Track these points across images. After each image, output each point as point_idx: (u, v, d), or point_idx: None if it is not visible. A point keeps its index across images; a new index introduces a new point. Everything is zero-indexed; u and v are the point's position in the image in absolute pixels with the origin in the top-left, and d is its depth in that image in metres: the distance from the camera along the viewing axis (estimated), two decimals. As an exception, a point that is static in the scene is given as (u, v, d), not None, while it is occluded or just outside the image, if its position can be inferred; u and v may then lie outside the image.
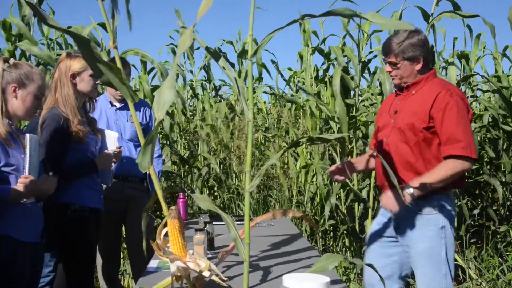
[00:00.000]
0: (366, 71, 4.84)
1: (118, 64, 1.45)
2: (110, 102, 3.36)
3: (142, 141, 1.46)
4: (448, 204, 2.27)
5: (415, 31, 2.31)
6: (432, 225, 2.25)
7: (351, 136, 4.46)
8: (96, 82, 2.60)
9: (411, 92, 2.33)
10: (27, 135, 2.14)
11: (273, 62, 5.99)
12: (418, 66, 2.29)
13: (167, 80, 1.49)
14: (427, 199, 2.24)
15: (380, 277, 1.64)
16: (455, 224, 2.33)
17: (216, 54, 1.65)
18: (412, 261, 2.31)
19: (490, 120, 4.92)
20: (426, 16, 3.90)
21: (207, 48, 1.70)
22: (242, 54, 5.92)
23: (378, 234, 2.42)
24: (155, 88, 5.15)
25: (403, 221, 2.31)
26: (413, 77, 2.31)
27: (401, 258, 2.39)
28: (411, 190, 2.18)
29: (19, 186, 2.01)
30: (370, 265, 1.62)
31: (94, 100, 2.74)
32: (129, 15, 1.50)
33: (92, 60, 1.36)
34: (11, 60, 2.16)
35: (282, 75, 6.01)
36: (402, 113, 2.31)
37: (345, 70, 4.52)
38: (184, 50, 1.49)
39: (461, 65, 5.09)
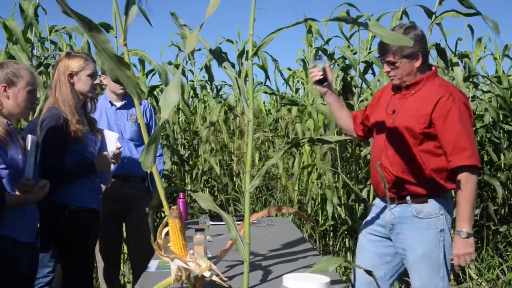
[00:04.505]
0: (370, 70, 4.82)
1: (127, 61, 1.46)
2: (110, 102, 3.35)
3: (146, 139, 1.46)
4: (447, 206, 2.24)
5: (411, 26, 2.22)
6: (431, 229, 2.21)
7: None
8: (94, 82, 2.61)
9: (411, 92, 2.24)
10: (29, 135, 2.14)
11: (274, 60, 5.99)
12: (418, 63, 2.20)
13: (173, 80, 1.49)
14: (426, 203, 2.21)
15: (375, 278, 1.61)
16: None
17: (219, 56, 1.66)
18: (409, 264, 2.27)
19: (491, 120, 4.92)
20: (429, 14, 3.90)
21: (210, 50, 1.71)
22: (243, 54, 5.92)
23: (370, 233, 2.37)
24: (153, 88, 5.15)
25: (399, 224, 2.26)
26: (414, 75, 2.22)
27: (393, 259, 2.34)
28: (465, 233, 2.15)
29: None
30: (368, 271, 1.62)
31: (96, 100, 2.75)
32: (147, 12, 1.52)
33: (102, 54, 1.36)
34: None
35: (282, 74, 6.01)
36: (401, 113, 2.24)
37: (347, 70, 4.52)
38: (191, 51, 1.48)
39: (462, 65, 5.09)
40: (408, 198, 2.23)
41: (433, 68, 2.28)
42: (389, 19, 4.32)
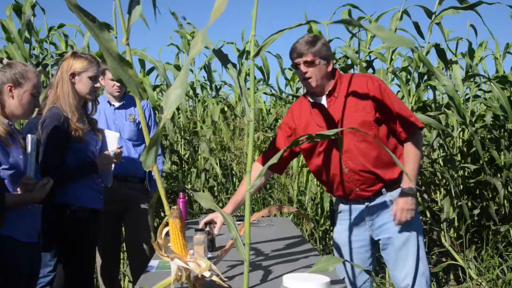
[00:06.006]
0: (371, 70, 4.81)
1: (130, 61, 1.45)
2: (109, 102, 3.36)
3: (147, 139, 1.46)
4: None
5: (317, 35, 2.34)
6: None
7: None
8: (95, 85, 2.62)
9: (335, 96, 2.31)
10: (29, 135, 2.14)
11: (278, 57, 5.99)
12: (330, 68, 2.30)
13: (177, 80, 1.48)
14: (399, 187, 2.29)
15: (373, 277, 1.64)
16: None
17: (222, 56, 1.65)
18: (396, 249, 2.33)
19: (492, 120, 4.91)
20: (429, 14, 3.90)
21: (214, 50, 1.70)
22: (243, 54, 5.92)
23: (349, 241, 2.42)
24: (154, 88, 5.15)
25: (379, 216, 2.34)
26: (326, 79, 2.31)
27: (374, 260, 2.43)
28: (414, 190, 2.22)
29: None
30: (368, 271, 1.62)
31: (97, 102, 2.75)
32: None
33: (105, 53, 1.36)
34: (5, 60, 2.17)
35: (283, 73, 6.02)
36: (344, 117, 2.28)
37: (348, 70, 4.52)
38: (197, 52, 1.47)
39: (464, 65, 5.08)
40: (383, 190, 2.32)
41: (336, 71, 2.38)
42: (388, 19, 4.32)
